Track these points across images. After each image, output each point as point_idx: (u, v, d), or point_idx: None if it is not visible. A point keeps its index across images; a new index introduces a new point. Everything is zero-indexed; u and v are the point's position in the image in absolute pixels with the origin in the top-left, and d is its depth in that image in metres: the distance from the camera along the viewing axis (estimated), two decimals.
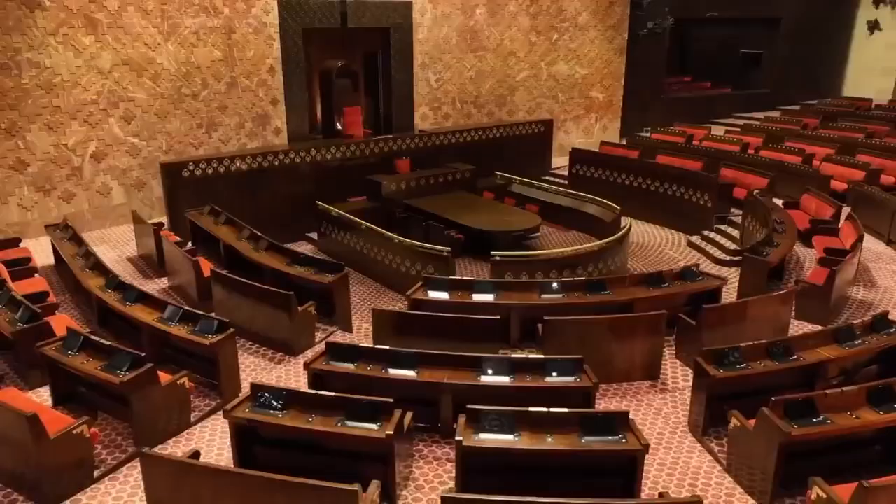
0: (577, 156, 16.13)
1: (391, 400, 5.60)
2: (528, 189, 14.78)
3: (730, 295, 10.09)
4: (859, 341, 7.04)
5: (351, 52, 16.03)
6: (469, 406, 5.54)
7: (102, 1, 12.01)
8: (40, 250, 11.15)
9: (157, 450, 6.35)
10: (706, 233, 13.17)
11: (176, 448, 6.47)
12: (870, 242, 11.89)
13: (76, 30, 11.86)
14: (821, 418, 5.56)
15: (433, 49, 16.15)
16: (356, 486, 4.53)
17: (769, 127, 18.10)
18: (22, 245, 10.70)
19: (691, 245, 13.07)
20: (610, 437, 5.34)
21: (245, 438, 5.83)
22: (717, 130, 18.00)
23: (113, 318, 8.39)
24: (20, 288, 8.75)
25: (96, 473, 5.92)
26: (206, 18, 13.22)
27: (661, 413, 7.15)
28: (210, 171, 12.73)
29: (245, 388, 7.50)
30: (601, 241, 11.14)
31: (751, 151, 16.08)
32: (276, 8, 13.99)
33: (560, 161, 17.12)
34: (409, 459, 6.11)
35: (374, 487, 4.89)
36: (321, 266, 9.34)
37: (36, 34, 11.49)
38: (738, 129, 18.19)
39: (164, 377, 6.53)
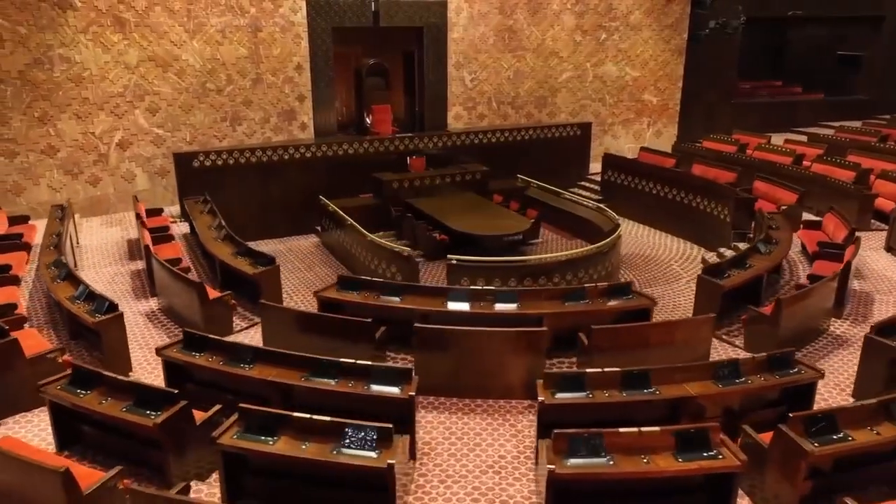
0: (609, 162, 15.39)
1: (175, 391, 5.67)
2: (541, 194, 14.27)
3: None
4: (742, 380, 6.23)
5: (388, 51, 16.19)
6: (241, 405, 5.49)
7: (130, 1, 12.97)
8: None
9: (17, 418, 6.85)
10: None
11: (35, 416, 6.90)
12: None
13: (105, 28, 12.87)
14: (604, 458, 5.00)
15: (468, 48, 15.95)
16: (63, 468, 4.64)
17: (838, 137, 16.22)
18: (31, 223, 11.82)
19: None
20: (365, 453, 5.10)
21: (62, 416, 6.12)
22: (779, 140, 16.37)
23: None
24: None
25: None
26: (232, 17, 13.86)
27: (518, 435, 6.71)
28: (220, 163, 13.38)
29: (136, 368, 7.94)
30: (569, 252, 10.62)
31: (806, 164, 14.55)
32: (304, 7, 14.41)
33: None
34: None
35: (114, 471, 4.98)
36: (258, 259, 9.57)
37: (67, 32, 12.60)
38: (804, 139, 16.45)
39: (34, 350, 7.00)
